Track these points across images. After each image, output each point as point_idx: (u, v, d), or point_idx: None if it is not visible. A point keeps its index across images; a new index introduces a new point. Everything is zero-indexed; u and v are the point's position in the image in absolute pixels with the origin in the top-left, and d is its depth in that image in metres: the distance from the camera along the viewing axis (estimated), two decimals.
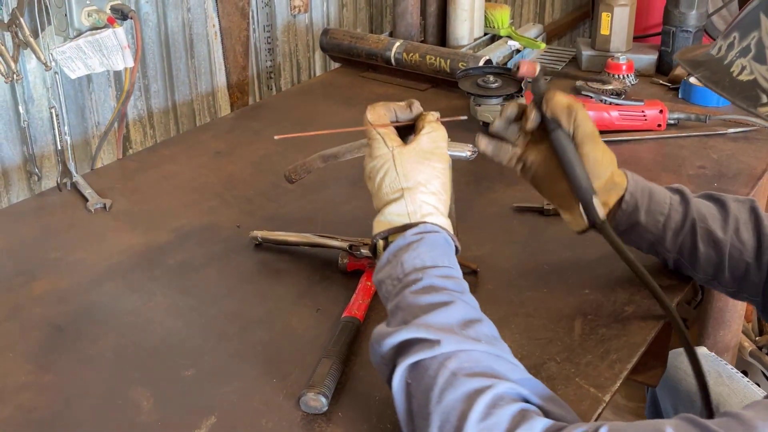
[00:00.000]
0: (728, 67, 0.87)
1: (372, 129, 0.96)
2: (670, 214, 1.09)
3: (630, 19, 1.98)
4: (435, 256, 0.88)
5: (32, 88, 1.53)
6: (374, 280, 0.92)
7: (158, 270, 1.21)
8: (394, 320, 0.86)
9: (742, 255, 1.08)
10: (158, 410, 0.95)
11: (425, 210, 0.92)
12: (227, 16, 1.89)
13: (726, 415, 0.73)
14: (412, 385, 0.79)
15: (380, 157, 0.95)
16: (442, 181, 0.95)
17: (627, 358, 1.02)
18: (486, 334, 0.82)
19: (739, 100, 0.84)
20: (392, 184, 0.93)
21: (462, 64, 1.80)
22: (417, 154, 0.94)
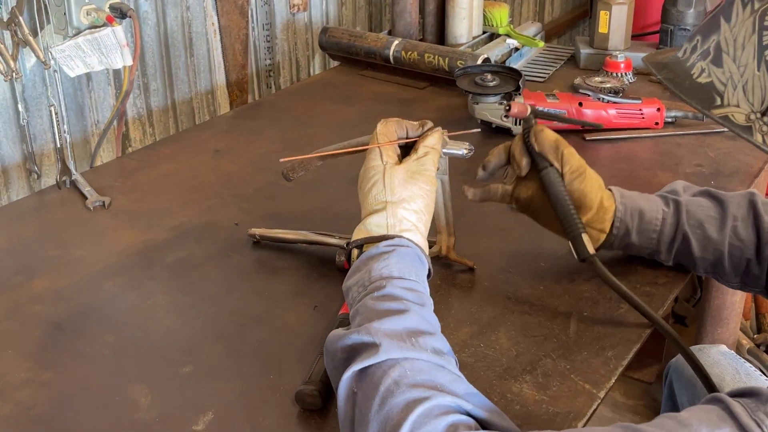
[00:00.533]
0: (689, 70, 0.87)
1: (374, 147, 1.00)
2: (662, 230, 1.12)
3: (628, 17, 1.99)
4: (402, 268, 0.90)
5: (31, 87, 1.54)
6: (343, 287, 0.94)
7: (157, 268, 1.22)
8: (352, 325, 0.87)
9: (742, 253, 1.09)
10: (156, 407, 0.95)
11: (404, 225, 0.94)
12: (226, 14, 1.89)
13: (662, 418, 0.74)
14: (358, 393, 0.79)
15: (372, 168, 0.98)
16: (426, 202, 0.97)
17: (622, 354, 1.03)
18: (433, 347, 0.82)
19: (695, 101, 0.85)
20: (378, 195, 0.96)
21: (460, 63, 1.80)
22: (406, 172, 0.97)
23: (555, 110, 1.62)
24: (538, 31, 2.16)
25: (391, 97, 1.87)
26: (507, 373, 0.99)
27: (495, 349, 1.03)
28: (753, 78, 0.80)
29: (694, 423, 0.71)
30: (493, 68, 1.68)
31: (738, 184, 1.44)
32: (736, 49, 0.82)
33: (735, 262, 1.11)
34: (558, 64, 2.03)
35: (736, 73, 0.82)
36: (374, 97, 1.87)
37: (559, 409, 0.93)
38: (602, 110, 1.64)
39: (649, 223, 1.12)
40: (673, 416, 0.74)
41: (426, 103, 1.83)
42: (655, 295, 1.14)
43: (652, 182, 1.45)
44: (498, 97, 1.62)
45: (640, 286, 1.15)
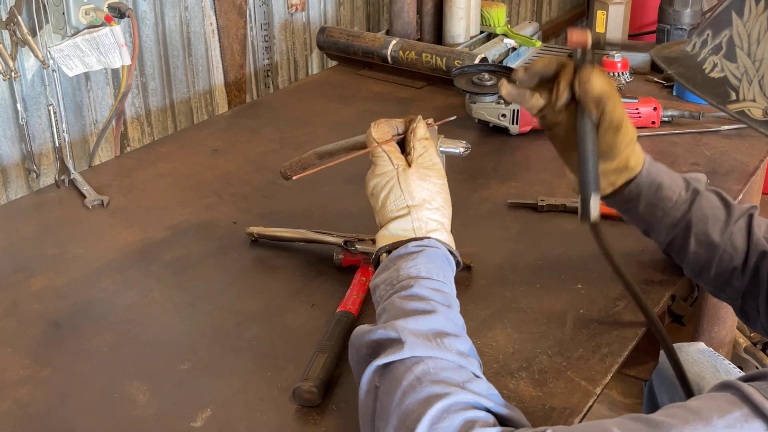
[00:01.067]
0: (701, 64, 0.88)
1: (377, 147, 0.99)
2: (670, 212, 1.09)
3: (625, 17, 2.00)
4: (431, 269, 0.91)
5: (30, 86, 1.54)
6: (371, 285, 0.95)
7: (155, 266, 1.23)
8: (378, 322, 0.88)
9: (732, 260, 1.09)
10: (154, 404, 0.96)
11: (431, 226, 0.95)
12: (224, 14, 1.90)
13: (673, 407, 0.74)
14: (380, 387, 0.80)
15: (385, 174, 0.97)
16: (443, 197, 0.98)
17: (618, 351, 1.03)
18: (458, 348, 0.83)
19: (710, 97, 0.86)
20: (397, 201, 0.96)
21: (458, 62, 1.81)
22: (418, 172, 0.97)
23: None
24: (536, 31, 2.17)
25: (388, 97, 1.87)
26: (503, 369, 1.00)
27: (492, 346, 1.04)
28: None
29: (704, 410, 0.72)
30: (491, 68, 1.69)
31: (734, 182, 1.45)
32: (750, 44, 0.82)
33: (722, 269, 1.09)
34: None
35: (751, 68, 0.82)
36: (372, 96, 1.88)
37: (555, 405, 0.94)
38: None
39: (662, 200, 1.08)
40: (682, 405, 0.74)
41: (423, 102, 1.83)
42: (651, 293, 1.15)
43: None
44: (495, 96, 1.63)
45: (635, 283, 1.15)
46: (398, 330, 0.82)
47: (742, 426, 0.70)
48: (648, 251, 1.23)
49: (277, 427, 0.92)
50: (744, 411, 0.71)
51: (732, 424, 0.70)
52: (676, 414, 0.73)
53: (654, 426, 0.71)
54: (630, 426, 0.72)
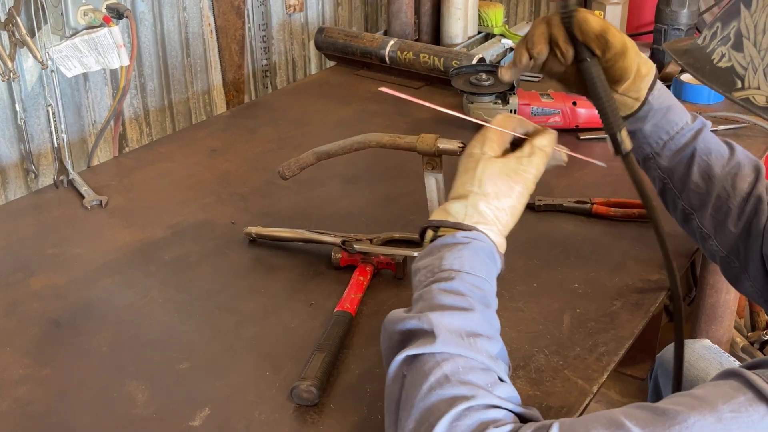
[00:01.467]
0: (709, 55, 0.90)
1: (482, 131, 0.96)
2: (674, 137, 1.09)
3: (622, 17, 2.00)
4: (474, 264, 0.89)
5: (29, 87, 1.54)
6: (413, 267, 0.92)
7: (153, 266, 1.23)
8: (414, 308, 0.87)
9: (729, 198, 1.08)
10: (153, 403, 0.96)
11: (483, 219, 0.92)
12: (223, 15, 1.90)
13: (678, 395, 0.75)
14: (407, 377, 0.80)
15: (470, 155, 0.96)
16: (512, 203, 0.94)
17: (615, 350, 1.04)
18: (488, 350, 0.83)
19: (717, 85, 0.88)
20: (465, 183, 0.94)
21: (455, 63, 1.81)
22: (502, 168, 0.94)
23: (549, 109, 1.64)
24: None
25: (386, 97, 1.86)
26: None
27: None
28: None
29: (709, 396, 0.73)
30: (488, 68, 1.70)
31: None
32: (756, 34, 0.85)
33: (718, 204, 1.08)
34: None
35: (756, 57, 0.84)
36: (370, 96, 1.88)
37: (551, 404, 0.95)
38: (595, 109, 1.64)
39: (668, 123, 1.08)
40: (687, 393, 0.75)
41: None
42: (648, 292, 1.15)
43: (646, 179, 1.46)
44: (492, 96, 1.64)
45: (632, 282, 1.17)
46: (433, 323, 0.81)
47: (747, 410, 0.71)
48: (645, 250, 1.24)
49: (276, 426, 0.93)
50: (748, 396, 0.72)
51: (737, 409, 0.71)
52: (681, 401, 0.73)
53: (660, 414, 0.72)
54: (637, 414, 0.73)
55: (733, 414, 0.71)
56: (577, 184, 1.44)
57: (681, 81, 1.81)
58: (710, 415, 0.71)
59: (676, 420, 0.71)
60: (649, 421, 0.72)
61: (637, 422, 0.72)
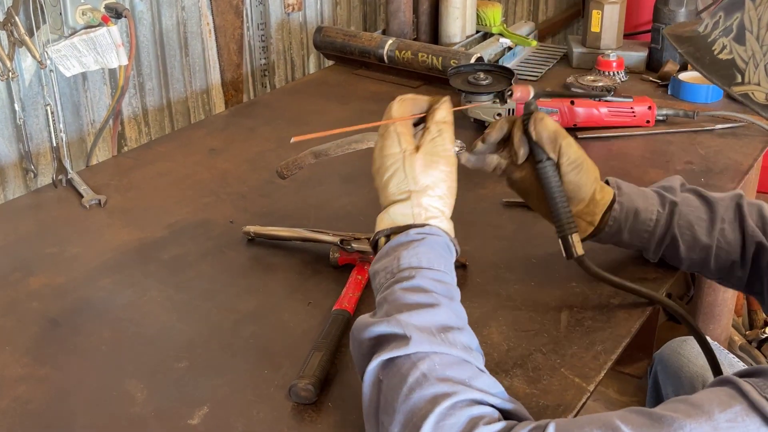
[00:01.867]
0: (710, 45, 0.89)
1: (390, 128, 0.96)
2: (654, 231, 1.12)
3: (620, 16, 2.00)
4: (432, 258, 0.90)
5: (28, 86, 1.55)
6: (370, 271, 0.94)
7: (152, 265, 1.23)
8: (379, 312, 0.87)
9: (728, 254, 1.11)
10: (152, 401, 0.96)
11: (430, 213, 0.94)
12: (221, 14, 1.91)
13: (675, 401, 0.75)
14: (383, 381, 0.80)
15: (390, 156, 0.95)
16: (448, 185, 0.96)
17: (612, 349, 1.04)
18: (462, 342, 0.83)
19: (716, 78, 0.87)
20: (400, 185, 0.94)
21: (453, 62, 1.82)
22: (425, 157, 0.95)
23: (548, 109, 1.64)
24: (531, 31, 2.18)
25: (385, 96, 1.87)
26: (498, 367, 1.00)
27: (486, 344, 1.04)
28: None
29: (705, 404, 0.73)
30: (486, 67, 1.70)
31: (728, 181, 1.46)
32: (760, 29, 0.84)
33: (720, 264, 1.12)
34: (551, 63, 2.05)
35: (758, 52, 0.84)
36: (368, 96, 1.89)
37: (549, 402, 0.95)
38: (594, 108, 1.65)
39: (643, 223, 1.12)
40: (683, 399, 0.75)
41: None
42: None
43: (643, 179, 1.47)
44: (491, 95, 1.64)
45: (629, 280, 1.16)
46: (402, 325, 0.81)
47: (744, 420, 0.71)
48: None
49: (274, 424, 0.93)
50: (743, 405, 0.72)
51: (733, 418, 0.71)
52: (678, 408, 0.73)
53: (657, 420, 0.72)
54: (633, 419, 0.73)
55: (729, 423, 0.71)
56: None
57: (679, 80, 1.81)
58: (706, 424, 0.71)
59: (672, 427, 0.71)
60: (644, 426, 0.72)
61: (632, 427, 0.72)
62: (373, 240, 0.97)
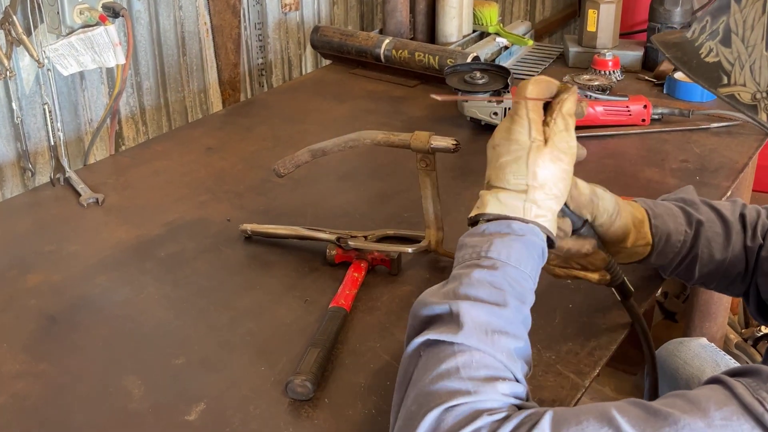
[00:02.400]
0: (698, 49, 0.90)
1: (523, 110, 0.90)
2: (679, 252, 1.09)
3: (616, 16, 2.01)
4: (521, 258, 0.87)
5: (25, 85, 1.55)
6: (460, 240, 0.90)
7: (149, 262, 1.24)
8: (448, 286, 0.85)
9: (735, 267, 1.10)
10: (149, 397, 0.97)
11: (540, 212, 0.89)
12: (219, 14, 1.91)
13: (672, 396, 0.75)
14: (422, 358, 0.80)
15: (516, 141, 0.90)
16: (565, 184, 0.91)
17: (607, 345, 1.05)
18: (509, 349, 0.81)
19: (702, 80, 0.87)
20: (517, 174, 0.89)
21: (450, 61, 1.82)
22: (552, 153, 0.89)
23: None
24: (528, 30, 2.18)
25: (382, 95, 1.89)
26: None
27: None
28: (760, 58, 0.82)
29: (702, 401, 0.73)
30: (482, 66, 1.70)
31: (723, 179, 1.47)
32: (745, 30, 0.84)
33: (727, 277, 1.11)
34: (547, 63, 2.05)
35: (744, 53, 0.84)
36: (365, 95, 1.89)
37: (544, 398, 0.95)
38: (590, 107, 1.66)
39: (672, 246, 1.09)
40: (681, 394, 0.75)
41: (416, 100, 1.85)
42: (640, 289, 1.16)
43: (639, 177, 1.48)
44: (487, 94, 1.64)
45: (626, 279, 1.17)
46: (462, 313, 0.80)
47: (739, 419, 0.71)
48: None
49: (270, 420, 0.93)
50: (737, 406, 0.72)
51: (728, 416, 0.71)
52: (675, 404, 0.73)
53: (653, 413, 0.72)
54: (630, 410, 0.73)
55: (723, 422, 0.71)
56: None
57: (674, 79, 1.82)
58: (701, 420, 0.71)
59: (667, 421, 0.71)
60: (640, 418, 0.72)
61: (629, 418, 0.72)
62: (473, 219, 0.92)
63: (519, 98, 0.90)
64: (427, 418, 0.75)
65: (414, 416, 0.77)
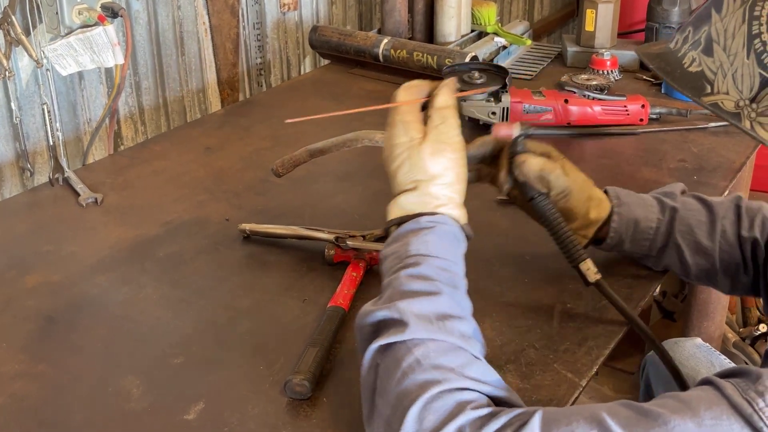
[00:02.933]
0: (681, 59, 0.91)
1: (397, 115, 0.97)
2: (654, 238, 1.13)
3: (614, 15, 2.02)
4: (440, 247, 0.90)
5: (24, 85, 1.55)
6: (380, 255, 0.94)
7: (148, 262, 1.24)
8: (383, 296, 0.88)
9: (732, 257, 1.11)
10: (148, 397, 0.97)
11: (440, 201, 0.94)
12: (217, 13, 1.91)
13: (664, 397, 0.76)
14: (380, 365, 0.82)
15: (398, 146, 0.96)
16: (456, 172, 0.96)
17: (604, 344, 1.05)
18: (460, 330, 0.84)
19: (687, 90, 0.89)
20: (407, 174, 0.95)
21: (448, 61, 1.82)
22: (431, 147, 0.95)
23: (541, 107, 1.65)
24: (526, 30, 2.19)
25: (380, 95, 1.89)
26: (491, 362, 0.99)
27: None
28: (742, 66, 0.83)
29: (693, 402, 0.74)
30: (481, 66, 1.70)
31: (720, 179, 1.47)
32: (726, 39, 0.85)
33: (726, 269, 1.12)
34: (545, 62, 2.06)
35: (726, 62, 0.85)
36: (364, 94, 1.89)
37: (541, 397, 0.96)
38: (588, 107, 1.66)
39: (643, 232, 1.12)
40: (674, 395, 0.76)
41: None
42: (637, 287, 1.16)
43: (636, 177, 1.48)
44: (485, 94, 1.65)
45: (622, 278, 1.18)
46: (401, 312, 0.83)
47: (729, 419, 0.72)
48: None
49: (269, 419, 0.94)
50: (726, 406, 0.73)
51: (718, 416, 0.72)
52: (666, 404, 0.74)
53: (643, 414, 0.73)
54: (620, 412, 0.74)
55: (713, 420, 0.72)
56: None
57: None
58: (691, 421, 0.72)
59: (657, 422, 0.72)
60: (631, 419, 0.73)
61: (618, 420, 0.73)
62: (385, 230, 0.97)
63: (390, 105, 0.98)
64: (406, 419, 0.76)
65: (392, 421, 0.78)
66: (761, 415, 0.70)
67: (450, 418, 0.75)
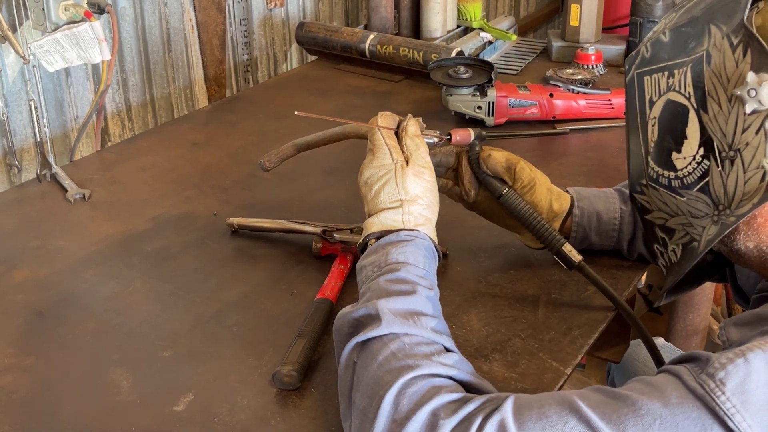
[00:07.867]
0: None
1: (380, 139, 1.03)
2: (621, 228, 1.17)
3: (599, 10, 2.03)
4: (418, 257, 0.95)
5: (11, 82, 1.55)
6: (358, 266, 0.98)
7: (136, 257, 1.25)
8: (361, 300, 0.91)
9: None
10: (137, 389, 0.98)
11: (419, 221, 0.99)
12: (204, 10, 1.92)
13: (633, 381, 0.79)
14: (357, 362, 0.85)
15: (383, 167, 1.01)
16: (433, 195, 1.02)
17: (588, 333, 1.06)
18: (433, 327, 0.87)
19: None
20: (391, 194, 0.99)
21: (434, 56, 1.83)
22: (414, 169, 1.01)
23: (527, 101, 1.66)
24: (512, 25, 2.20)
25: (367, 91, 1.90)
26: (478, 352, 1.03)
27: (466, 330, 1.07)
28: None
29: (659, 383, 0.77)
30: (466, 61, 1.72)
31: None
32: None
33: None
34: (530, 57, 2.07)
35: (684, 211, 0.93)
36: (350, 90, 1.90)
37: (527, 386, 0.97)
38: (572, 101, 1.67)
39: (608, 224, 1.16)
40: (641, 379, 0.79)
41: (401, 95, 1.86)
42: (621, 278, 1.18)
43: (621, 170, 1.49)
44: (471, 89, 1.66)
45: (606, 269, 1.19)
46: (378, 308, 0.86)
47: (688, 400, 0.74)
48: None
49: (258, 409, 0.95)
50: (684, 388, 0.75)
51: (682, 396, 0.74)
52: (634, 387, 0.77)
53: (613, 396, 0.76)
54: (591, 396, 0.77)
55: (679, 400, 0.74)
56: (552, 174, 1.45)
57: None
58: (658, 401, 0.74)
59: (626, 403, 0.75)
60: (601, 402, 0.76)
61: (590, 403, 0.75)
62: (362, 242, 1.01)
63: (373, 125, 1.04)
64: (382, 406, 0.78)
65: (368, 410, 0.80)
66: (713, 395, 0.73)
67: (424, 401, 0.77)
